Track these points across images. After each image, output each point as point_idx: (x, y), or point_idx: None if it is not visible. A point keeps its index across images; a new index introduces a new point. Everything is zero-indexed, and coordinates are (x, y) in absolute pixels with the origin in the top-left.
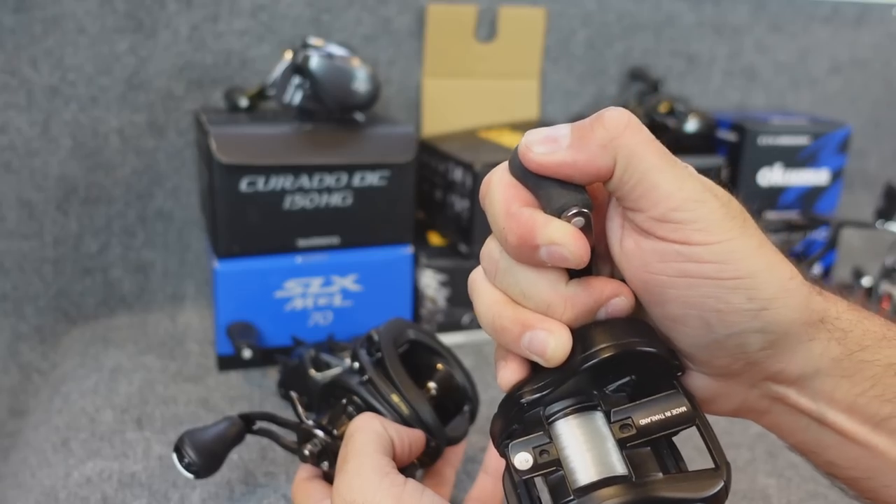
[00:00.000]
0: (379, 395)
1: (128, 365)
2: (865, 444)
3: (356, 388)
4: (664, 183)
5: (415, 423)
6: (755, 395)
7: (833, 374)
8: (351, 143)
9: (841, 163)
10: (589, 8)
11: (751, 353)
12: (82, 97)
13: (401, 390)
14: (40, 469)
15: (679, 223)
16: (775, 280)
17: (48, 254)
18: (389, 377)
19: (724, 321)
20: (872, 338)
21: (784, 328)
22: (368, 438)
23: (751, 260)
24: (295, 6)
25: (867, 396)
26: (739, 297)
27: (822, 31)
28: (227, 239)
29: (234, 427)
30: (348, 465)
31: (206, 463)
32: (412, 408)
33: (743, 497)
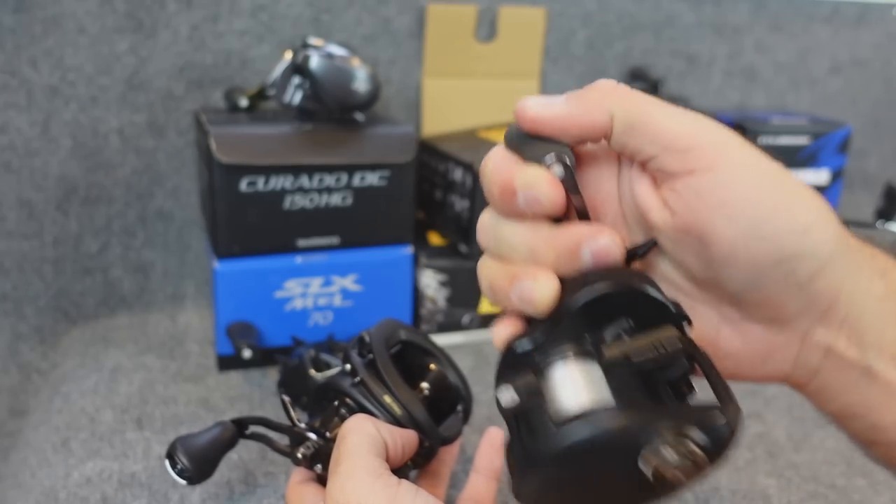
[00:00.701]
0: (371, 396)
1: (128, 365)
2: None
3: (348, 389)
4: (669, 118)
5: (408, 423)
6: (807, 350)
7: (880, 314)
8: (351, 143)
9: (841, 163)
10: (589, 8)
11: (801, 282)
12: (82, 97)
13: (393, 391)
14: (40, 469)
15: (702, 149)
16: (813, 203)
17: (48, 254)
18: (381, 378)
19: (771, 248)
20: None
21: (829, 252)
22: (360, 440)
23: (780, 183)
24: (295, 6)
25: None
26: (782, 219)
27: (823, 30)
28: (227, 239)
29: (227, 432)
30: (340, 468)
31: (199, 469)
32: (405, 408)
33: (743, 497)
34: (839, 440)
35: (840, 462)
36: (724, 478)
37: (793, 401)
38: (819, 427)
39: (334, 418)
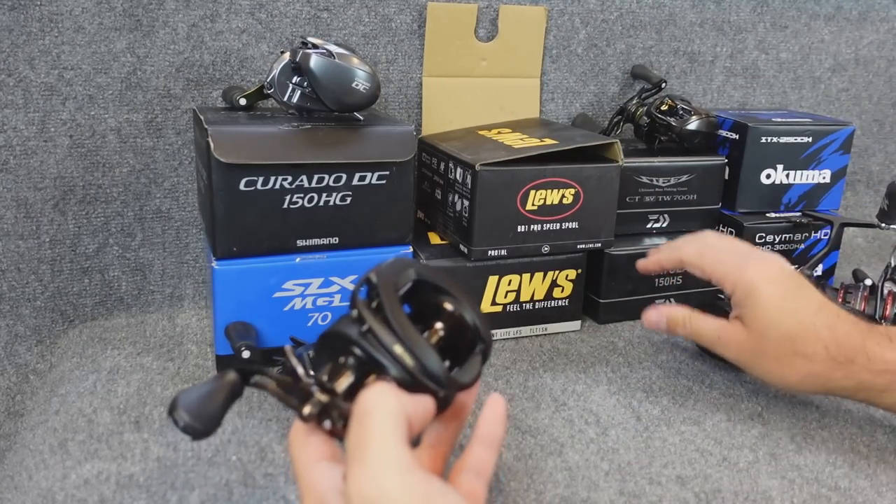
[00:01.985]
0: (380, 346)
1: (126, 366)
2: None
3: (356, 339)
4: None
5: (420, 374)
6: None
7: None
8: (350, 143)
9: (843, 162)
10: (590, 6)
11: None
12: (80, 96)
13: (403, 340)
14: (37, 471)
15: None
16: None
17: (45, 254)
18: (390, 326)
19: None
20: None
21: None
22: (386, 421)
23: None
24: (294, 4)
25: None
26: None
27: (825, 29)
28: (226, 239)
29: (228, 382)
30: (369, 457)
31: (202, 423)
32: (417, 359)
33: (745, 499)
34: (842, 441)
35: (843, 464)
36: (725, 479)
37: (795, 402)
38: (822, 428)
39: (342, 370)
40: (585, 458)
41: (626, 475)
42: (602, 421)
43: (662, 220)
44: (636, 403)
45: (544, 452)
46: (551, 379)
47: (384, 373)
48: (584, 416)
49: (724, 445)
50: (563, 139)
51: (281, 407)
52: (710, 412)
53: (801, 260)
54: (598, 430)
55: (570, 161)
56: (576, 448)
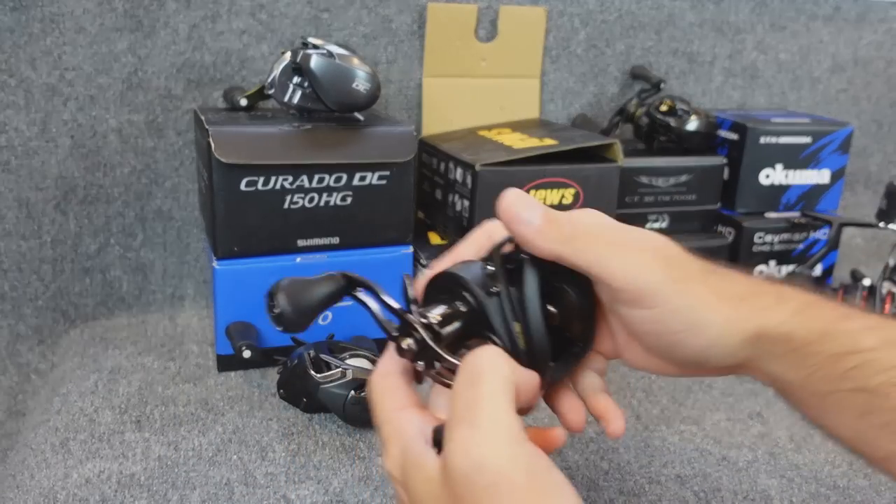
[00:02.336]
0: (502, 317)
1: (127, 365)
2: (816, 409)
3: (481, 297)
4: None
5: (524, 359)
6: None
7: (782, 363)
8: (351, 143)
9: (842, 162)
10: (590, 7)
11: (713, 367)
12: (81, 96)
13: (527, 321)
14: (39, 470)
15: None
16: (711, 327)
17: (47, 254)
18: (522, 302)
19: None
20: (816, 333)
21: (729, 351)
22: (501, 388)
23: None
24: (294, 5)
25: (814, 378)
26: (689, 343)
27: (824, 29)
28: (227, 239)
29: (335, 284)
30: (479, 420)
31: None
32: (530, 346)
33: (744, 498)
34: None
35: (842, 463)
36: (725, 478)
37: None
38: None
39: (454, 321)
40: (585, 457)
41: (626, 474)
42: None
43: (662, 221)
44: (636, 403)
45: None
46: None
47: (489, 339)
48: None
49: (724, 445)
50: (563, 139)
51: (282, 406)
52: (710, 412)
53: (801, 260)
54: (598, 430)
55: (570, 161)
56: (575, 447)
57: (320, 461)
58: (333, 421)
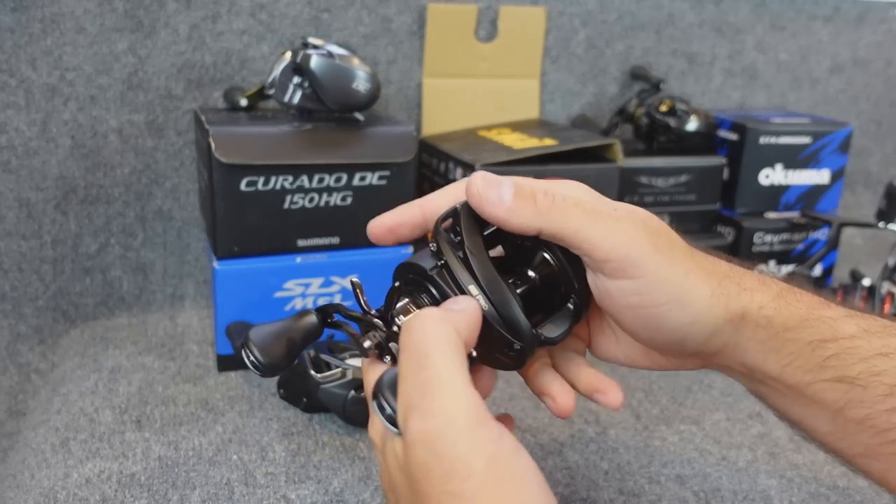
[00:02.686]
0: (454, 284)
1: (127, 365)
2: (793, 401)
3: (429, 273)
4: (592, 235)
5: (495, 321)
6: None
7: (762, 351)
8: (351, 143)
9: (842, 163)
10: (589, 7)
11: (690, 350)
12: (81, 97)
13: (479, 280)
14: (39, 470)
15: (614, 262)
16: (697, 300)
17: (47, 254)
18: (467, 262)
19: (665, 335)
20: (796, 319)
21: (711, 331)
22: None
23: (675, 287)
24: (294, 5)
25: (792, 367)
26: (672, 317)
27: (824, 30)
28: (227, 239)
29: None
30: (434, 407)
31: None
32: (492, 303)
33: (744, 498)
34: None
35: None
36: (724, 478)
37: None
38: None
39: (409, 306)
40: (585, 457)
41: (626, 474)
42: (602, 420)
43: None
44: (636, 403)
45: (544, 452)
46: None
47: None
48: (584, 415)
49: (723, 445)
50: (563, 139)
51: (282, 406)
52: (709, 411)
53: (800, 260)
54: (598, 430)
55: (570, 161)
56: (575, 447)
57: (320, 461)
58: (333, 421)
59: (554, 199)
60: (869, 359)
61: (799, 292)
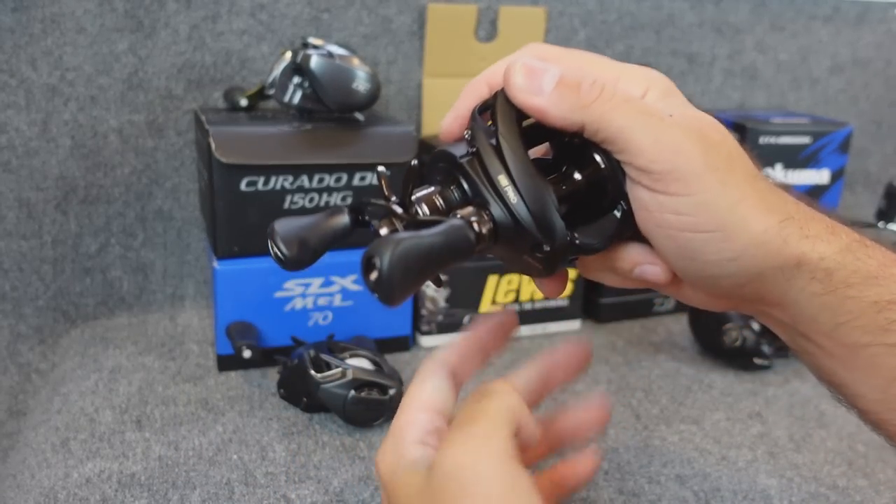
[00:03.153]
0: (483, 174)
1: (127, 365)
2: (842, 363)
3: (459, 161)
4: (638, 137)
5: (522, 215)
6: (746, 308)
7: (814, 305)
8: (351, 143)
9: (842, 163)
10: (589, 7)
11: (726, 289)
12: (81, 97)
13: (511, 171)
14: (39, 469)
15: (657, 173)
16: (746, 234)
17: (47, 254)
18: (500, 151)
19: (699, 266)
20: (861, 276)
21: (755, 273)
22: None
23: (723, 214)
24: (295, 5)
25: (848, 326)
26: (711, 248)
27: (823, 30)
28: (227, 239)
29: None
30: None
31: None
32: (521, 196)
33: (744, 497)
34: (840, 440)
35: (841, 462)
36: (724, 478)
37: (794, 401)
38: (821, 427)
39: (436, 196)
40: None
41: (626, 474)
42: None
43: None
44: (635, 403)
45: None
46: None
47: (485, 208)
48: None
49: (723, 444)
50: None
51: (282, 406)
52: (709, 411)
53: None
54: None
55: None
56: (575, 447)
57: (320, 461)
58: (333, 421)
59: (602, 92)
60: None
61: (873, 246)
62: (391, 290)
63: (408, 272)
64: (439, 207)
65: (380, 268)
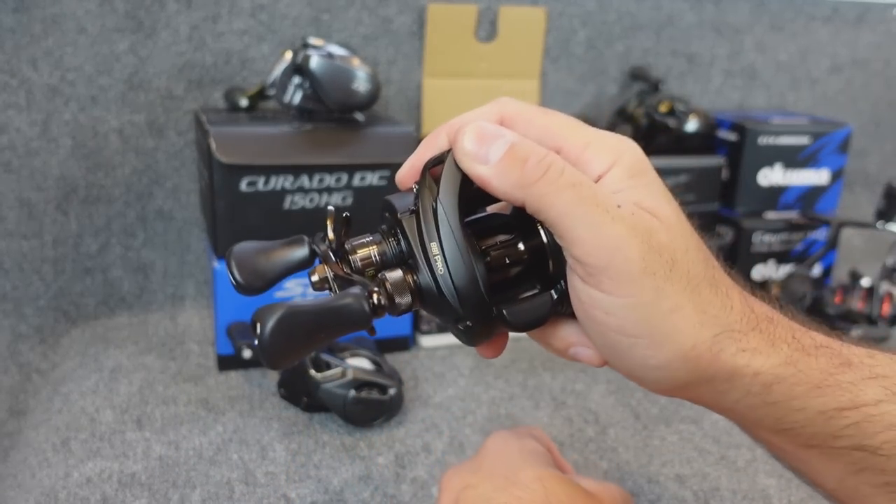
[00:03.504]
0: (419, 236)
1: (128, 365)
2: (794, 458)
3: (399, 216)
4: (576, 227)
5: (446, 288)
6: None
7: (755, 413)
8: (351, 143)
9: (841, 163)
10: (589, 7)
11: (656, 389)
12: (82, 97)
13: (441, 240)
14: (40, 469)
15: (592, 267)
16: (673, 346)
17: (48, 254)
18: (435, 215)
19: (625, 365)
20: (804, 387)
21: (682, 383)
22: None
23: (652, 322)
24: (295, 6)
25: (794, 433)
26: (637, 353)
27: (823, 30)
28: (227, 239)
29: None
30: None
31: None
32: (448, 268)
33: (743, 497)
34: None
35: None
36: (724, 478)
37: None
38: None
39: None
40: (585, 456)
41: (625, 474)
42: (601, 420)
43: None
44: (635, 402)
45: None
46: (551, 378)
47: (413, 272)
48: (584, 415)
49: (723, 444)
50: None
51: (282, 405)
52: (708, 411)
53: (799, 260)
54: (598, 429)
55: None
56: (575, 447)
57: (320, 460)
58: (334, 420)
59: (547, 172)
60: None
61: (819, 352)
62: (271, 357)
63: (291, 341)
64: (373, 261)
65: (259, 335)
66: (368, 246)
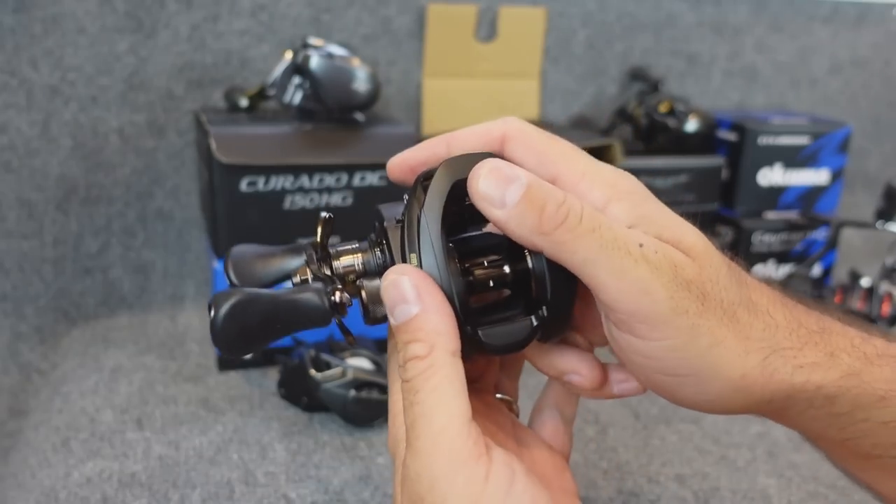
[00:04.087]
0: (402, 246)
1: (128, 365)
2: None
3: (386, 224)
4: (600, 274)
5: None
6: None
7: (818, 424)
8: (351, 143)
9: (841, 163)
10: (589, 8)
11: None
12: (82, 97)
13: (420, 257)
14: (40, 469)
15: (622, 313)
16: (720, 381)
17: (48, 254)
18: (416, 229)
19: (678, 400)
20: (868, 399)
21: (739, 409)
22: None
23: (693, 361)
24: (295, 6)
25: (857, 441)
26: (686, 391)
27: (823, 30)
28: (227, 239)
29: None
30: (419, 443)
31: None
32: None
33: (743, 497)
34: None
35: None
36: (724, 477)
37: None
38: None
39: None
40: (584, 456)
41: (625, 474)
42: (601, 420)
43: None
44: (635, 402)
45: None
46: None
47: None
48: (583, 414)
49: (723, 444)
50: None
51: (282, 405)
52: None
53: (799, 260)
54: (597, 429)
55: None
56: (575, 447)
57: (320, 460)
58: (334, 420)
59: (567, 217)
60: None
61: (880, 361)
62: (222, 341)
63: (245, 327)
64: (355, 269)
65: (213, 317)
66: (353, 253)
